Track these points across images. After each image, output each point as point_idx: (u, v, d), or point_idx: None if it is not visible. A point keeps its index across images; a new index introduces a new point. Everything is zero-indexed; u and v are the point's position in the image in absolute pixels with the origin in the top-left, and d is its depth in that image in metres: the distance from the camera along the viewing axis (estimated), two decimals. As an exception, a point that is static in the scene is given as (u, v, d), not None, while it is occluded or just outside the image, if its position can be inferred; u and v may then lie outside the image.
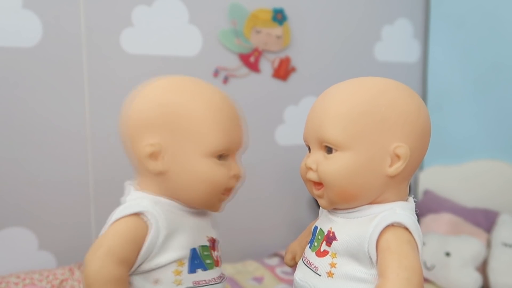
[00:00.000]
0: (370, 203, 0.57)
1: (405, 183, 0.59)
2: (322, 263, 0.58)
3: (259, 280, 1.36)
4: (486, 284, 1.36)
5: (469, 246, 1.35)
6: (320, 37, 1.64)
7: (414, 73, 1.85)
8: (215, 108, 0.60)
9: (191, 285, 0.59)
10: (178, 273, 0.58)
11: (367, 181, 0.56)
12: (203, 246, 0.62)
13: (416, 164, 0.59)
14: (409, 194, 0.62)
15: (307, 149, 0.62)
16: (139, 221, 0.56)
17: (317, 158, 0.58)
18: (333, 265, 0.57)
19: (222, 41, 1.48)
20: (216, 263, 0.63)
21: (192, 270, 0.59)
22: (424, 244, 1.39)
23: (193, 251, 0.60)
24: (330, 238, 0.58)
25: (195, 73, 1.63)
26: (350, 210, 0.58)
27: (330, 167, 0.56)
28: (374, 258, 0.53)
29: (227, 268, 1.43)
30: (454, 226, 1.54)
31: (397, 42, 1.79)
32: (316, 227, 0.63)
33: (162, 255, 0.57)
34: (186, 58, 1.44)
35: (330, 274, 0.56)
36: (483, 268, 1.38)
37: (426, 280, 1.38)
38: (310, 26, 1.62)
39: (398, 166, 0.55)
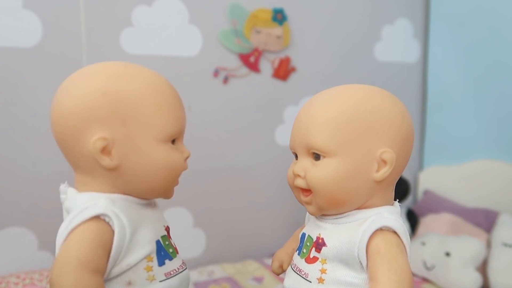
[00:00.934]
0: (358, 208, 0.58)
1: (390, 188, 0.60)
2: (312, 270, 0.58)
3: (259, 280, 1.36)
4: (486, 284, 1.36)
5: (469, 246, 1.35)
6: (320, 37, 1.64)
7: (414, 73, 1.85)
8: (162, 92, 0.58)
9: (164, 277, 0.57)
10: (149, 269, 0.56)
11: (355, 187, 0.56)
12: (163, 236, 0.60)
13: (401, 169, 0.60)
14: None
15: (294, 156, 0.62)
16: (101, 224, 0.52)
17: (304, 165, 0.58)
18: (323, 271, 0.57)
19: (222, 41, 1.48)
20: (176, 251, 0.62)
21: (161, 262, 0.58)
22: (424, 244, 1.40)
23: (158, 243, 0.58)
24: (319, 244, 0.58)
25: (195, 73, 1.65)
26: (338, 216, 0.59)
27: (319, 173, 0.56)
28: (364, 263, 0.54)
29: (227, 268, 1.43)
30: (454, 226, 1.54)
31: (397, 42, 1.79)
32: (304, 234, 0.63)
33: (130, 255, 0.54)
34: (186, 58, 1.44)
35: (320, 280, 0.57)
36: (483, 268, 1.38)
37: (426, 280, 1.38)
38: (310, 26, 1.62)
39: (385, 171, 0.56)
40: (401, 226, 0.55)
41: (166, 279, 0.57)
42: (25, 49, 1.25)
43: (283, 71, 1.58)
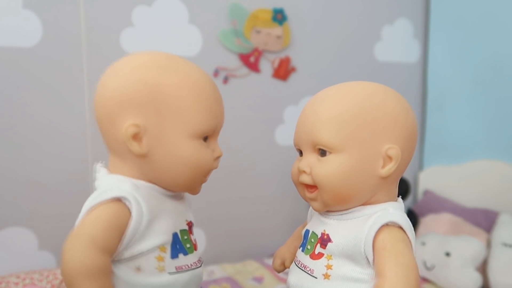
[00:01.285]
0: (363, 204, 0.59)
1: (394, 184, 0.61)
2: (317, 266, 0.58)
3: (259, 280, 1.36)
4: (486, 284, 1.36)
5: (469, 246, 1.35)
6: (320, 37, 1.64)
7: (414, 73, 1.85)
8: (201, 88, 0.58)
9: (174, 270, 0.57)
10: (161, 259, 0.56)
11: (361, 183, 0.57)
12: (182, 230, 0.60)
13: (405, 165, 0.60)
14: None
15: (299, 153, 0.63)
16: (120, 206, 0.53)
17: (310, 161, 0.58)
18: (329, 267, 0.57)
19: (222, 41, 1.48)
20: (195, 247, 0.62)
21: (174, 255, 0.57)
22: (424, 244, 1.39)
23: (175, 235, 0.58)
24: (324, 241, 0.59)
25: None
26: (343, 212, 0.59)
27: (325, 169, 0.56)
28: (370, 258, 0.54)
29: (227, 268, 1.43)
30: (454, 226, 1.54)
31: (397, 42, 1.79)
32: (307, 231, 0.63)
33: (144, 241, 0.55)
34: (186, 58, 1.44)
35: (326, 276, 0.57)
36: (483, 268, 1.38)
37: (426, 280, 1.38)
38: (310, 26, 1.62)
39: (390, 167, 0.57)
40: (407, 221, 0.56)
41: (176, 273, 0.57)
42: (25, 49, 1.25)
43: (283, 71, 1.58)
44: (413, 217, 1.61)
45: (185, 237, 0.60)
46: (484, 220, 1.58)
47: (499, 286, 1.33)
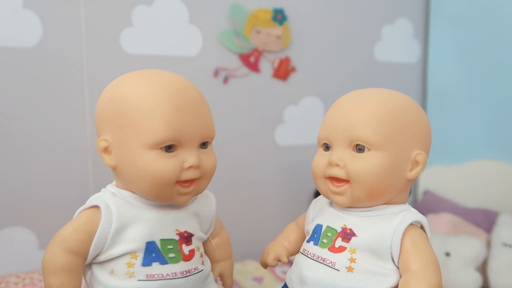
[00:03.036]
0: (385, 203, 0.62)
1: (409, 188, 0.65)
2: (340, 259, 0.60)
3: (259, 280, 1.36)
4: (486, 284, 1.36)
5: (469, 246, 1.35)
6: (320, 37, 1.64)
7: (414, 73, 1.85)
8: (159, 98, 0.57)
9: (144, 278, 0.58)
10: (130, 265, 0.58)
11: (393, 182, 0.60)
12: (166, 240, 0.60)
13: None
14: (409, 194, 0.66)
15: (323, 147, 0.64)
16: (94, 214, 0.58)
17: (343, 156, 0.61)
18: (352, 260, 0.59)
19: (222, 41, 1.48)
20: (186, 257, 0.61)
21: (146, 263, 0.58)
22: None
23: (150, 244, 0.59)
24: (347, 235, 0.61)
25: (195, 73, 1.65)
26: (366, 209, 0.62)
27: (364, 165, 0.59)
28: (395, 253, 0.58)
29: (227, 268, 1.42)
30: (454, 226, 1.54)
31: (397, 42, 1.79)
32: (320, 225, 0.65)
33: (114, 247, 0.58)
34: (186, 58, 1.44)
35: (350, 269, 0.59)
36: (483, 268, 1.38)
37: (426, 280, 1.38)
38: (310, 26, 1.62)
39: (417, 171, 0.61)
40: (427, 222, 0.61)
41: (145, 280, 0.58)
42: (25, 49, 1.25)
43: (283, 71, 1.58)
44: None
45: (169, 247, 0.60)
46: (484, 220, 1.58)
47: (499, 286, 1.33)
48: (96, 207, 0.59)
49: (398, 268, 0.59)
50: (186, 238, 0.63)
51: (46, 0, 1.26)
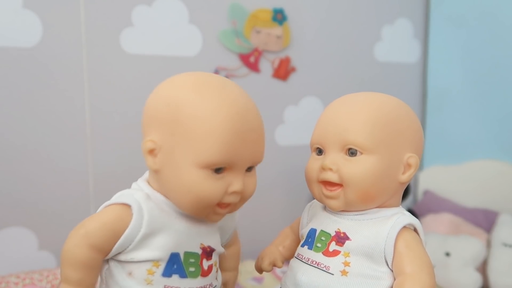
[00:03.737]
0: (378, 207, 0.62)
1: (403, 191, 0.65)
2: (334, 262, 0.60)
3: (259, 280, 1.36)
4: (486, 284, 1.36)
5: (469, 246, 1.35)
6: (320, 37, 1.64)
7: (414, 73, 1.85)
8: (221, 119, 0.54)
9: (161, 287, 0.57)
10: (151, 272, 0.57)
11: (385, 185, 0.60)
12: (190, 253, 0.59)
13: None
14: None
15: (316, 152, 0.64)
16: (125, 212, 0.56)
17: (335, 160, 0.61)
18: (346, 264, 0.59)
19: (222, 41, 1.48)
20: (204, 273, 0.60)
21: (167, 274, 0.57)
22: (424, 244, 1.39)
23: (174, 255, 0.58)
24: (341, 238, 0.61)
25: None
26: (359, 213, 0.62)
27: (357, 168, 0.59)
28: (389, 257, 0.58)
29: (227, 268, 1.42)
30: (454, 226, 1.54)
31: (397, 42, 1.79)
32: (314, 229, 0.65)
33: (138, 251, 0.56)
34: (186, 58, 1.44)
35: (344, 273, 0.59)
36: (483, 268, 1.38)
37: (426, 280, 1.38)
38: (310, 26, 1.62)
39: (409, 174, 0.61)
40: (420, 224, 0.61)
41: None
42: (25, 49, 1.25)
43: (283, 71, 1.58)
44: (413, 217, 1.61)
45: (191, 260, 0.59)
46: (484, 220, 1.58)
47: (499, 286, 1.33)
48: (127, 205, 0.56)
49: (392, 271, 0.59)
50: (208, 253, 0.62)
51: (46, 0, 1.26)
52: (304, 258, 0.63)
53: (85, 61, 1.32)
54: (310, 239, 0.64)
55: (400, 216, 0.60)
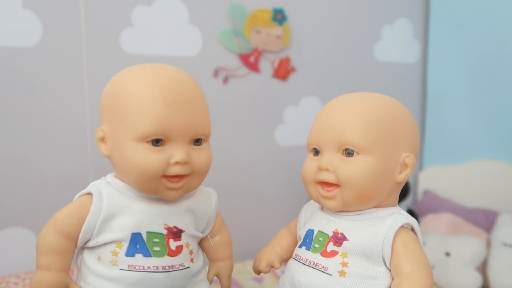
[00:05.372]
0: (375, 207, 0.62)
1: (399, 190, 0.66)
2: (332, 263, 0.60)
3: (259, 280, 1.36)
4: (486, 284, 1.36)
5: (469, 246, 1.35)
6: (320, 37, 1.64)
7: (414, 73, 1.85)
8: (148, 92, 0.58)
9: (126, 267, 0.59)
10: (115, 253, 0.60)
11: (382, 185, 0.61)
12: (153, 233, 0.61)
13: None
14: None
15: (313, 152, 0.65)
16: (87, 200, 0.60)
17: (332, 160, 0.61)
18: (344, 264, 0.59)
19: (222, 41, 1.48)
20: (172, 253, 0.62)
21: (130, 253, 0.60)
22: (424, 244, 1.39)
23: (136, 235, 0.60)
24: (339, 239, 0.61)
25: (195, 73, 1.63)
26: (356, 213, 0.62)
27: (353, 168, 0.59)
28: (387, 256, 0.58)
29: (227, 268, 1.42)
30: (454, 226, 1.54)
31: (397, 42, 1.79)
32: (311, 230, 0.65)
33: (102, 234, 0.60)
34: (186, 58, 1.44)
35: (342, 273, 0.59)
36: (483, 268, 1.38)
37: (426, 280, 1.38)
38: (310, 26, 1.62)
39: (406, 173, 0.62)
40: (418, 224, 0.62)
41: (127, 270, 0.59)
42: (25, 49, 1.25)
43: (283, 71, 1.58)
44: (413, 217, 1.61)
45: (156, 240, 0.61)
46: (484, 220, 1.58)
47: (499, 286, 1.33)
48: (89, 193, 0.61)
49: (390, 271, 0.59)
50: (175, 233, 0.62)
51: (46, 0, 1.26)
52: (302, 259, 0.63)
53: (85, 61, 1.32)
54: (308, 240, 0.64)
55: (398, 216, 0.60)
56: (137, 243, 0.60)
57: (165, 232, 0.62)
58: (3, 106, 1.25)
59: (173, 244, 0.62)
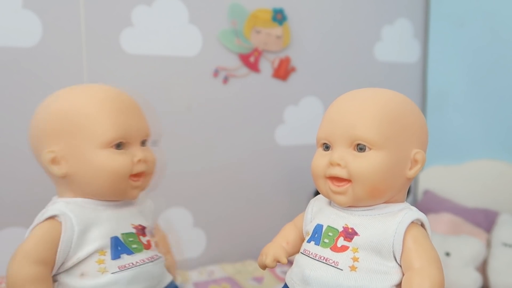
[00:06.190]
0: (385, 202, 0.62)
1: (408, 186, 0.66)
2: (342, 258, 0.60)
3: (259, 280, 1.36)
4: (486, 284, 1.36)
5: (469, 246, 1.35)
6: (320, 37, 1.64)
7: (414, 73, 1.85)
8: (101, 103, 0.65)
9: (117, 270, 0.62)
10: (101, 261, 0.62)
11: (393, 181, 0.61)
12: (126, 233, 0.66)
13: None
14: (409, 194, 0.66)
15: (323, 147, 0.65)
16: (53, 223, 0.61)
17: (344, 155, 0.61)
18: (355, 259, 0.60)
19: (222, 41, 1.48)
20: (146, 247, 0.68)
21: (115, 256, 0.63)
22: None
23: (114, 239, 0.64)
24: (349, 234, 0.61)
25: (195, 73, 1.64)
26: (366, 208, 0.62)
27: (366, 164, 0.59)
28: (397, 252, 0.59)
29: (227, 268, 1.43)
30: (454, 226, 1.54)
31: (397, 42, 1.79)
32: (320, 225, 0.65)
33: (81, 249, 0.61)
34: (186, 58, 1.44)
35: (353, 268, 0.59)
36: (483, 268, 1.38)
37: (426, 280, 1.38)
38: (310, 26, 1.62)
39: (416, 169, 0.63)
40: (427, 219, 0.62)
41: (119, 271, 0.63)
42: (25, 49, 1.25)
43: (283, 71, 1.58)
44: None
45: (131, 239, 0.66)
46: (484, 220, 1.58)
47: (499, 286, 1.33)
48: (51, 218, 0.62)
49: (400, 266, 0.59)
50: (141, 230, 0.69)
51: (46, 0, 1.26)
52: (311, 253, 0.63)
53: (85, 61, 1.32)
54: (317, 235, 0.64)
55: (408, 212, 0.61)
56: (118, 245, 0.64)
57: (134, 230, 0.68)
58: (3, 106, 1.25)
59: (143, 239, 0.68)
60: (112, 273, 0.62)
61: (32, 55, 1.26)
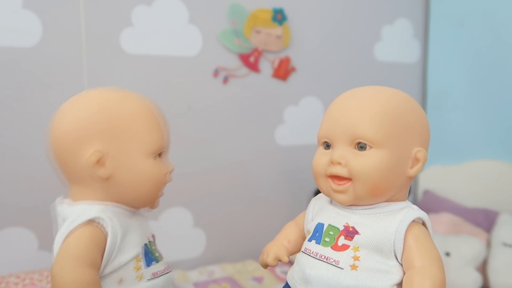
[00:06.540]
0: (386, 201, 0.62)
1: (410, 185, 0.66)
2: (343, 257, 0.60)
3: (259, 280, 1.36)
4: (486, 284, 1.36)
5: (469, 246, 1.35)
6: (320, 37, 1.64)
7: (414, 73, 1.85)
8: (148, 112, 0.66)
9: (151, 277, 0.64)
10: (138, 268, 0.63)
11: (394, 179, 0.61)
12: (149, 242, 0.68)
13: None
14: (409, 194, 0.66)
15: (323, 146, 0.65)
16: (95, 227, 0.60)
17: (344, 154, 0.60)
18: (356, 258, 0.59)
19: (222, 41, 1.48)
20: (161, 256, 0.70)
21: (148, 263, 0.65)
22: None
23: (145, 247, 0.66)
24: (350, 233, 0.61)
25: (195, 73, 1.65)
26: (367, 207, 0.62)
27: (366, 162, 0.59)
28: (398, 250, 0.58)
29: (227, 268, 1.43)
30: (454, 226, 1.54)
31: (397, 42, 1.79)
32: (321, 224, 0.65)
33: (122, 255, 0.61)
34: (186, 58, 1.44)
35: (353, 267, 0.59)
36: (483, 268, 1.38)
37: (426, 280, 1.38)
38: (310, 26, 1.62)
39: (418, 168, 0.62)
40: (429, 218, 0.62)
41: (152, 279, 0.64)
42: (25, 49, 1.25)
43: (283, 71, 1.58)
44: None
45: (153, 247, 0.68)
46: (484, 220, 1.58)
47: (499, 286, 1.33)
48: (90, 221, 0.60)
49: (401, 265, 0.59)
50: (154, 239, 0.71)
51: (46, 0, 1.26)
52: (312, 252, 0.63)
53: (85, 61, 1.32)
54: (318, 234, 0.64)
55: (409, 210, 0.60)
56: (148, 253, 0.65)
57: (152, 239, 0.70)
58: (3, 106, 1.25)
59: (158, 249, 0.70)
60: (148, 280, 0.63)
61: (32, 55, 1.26)
